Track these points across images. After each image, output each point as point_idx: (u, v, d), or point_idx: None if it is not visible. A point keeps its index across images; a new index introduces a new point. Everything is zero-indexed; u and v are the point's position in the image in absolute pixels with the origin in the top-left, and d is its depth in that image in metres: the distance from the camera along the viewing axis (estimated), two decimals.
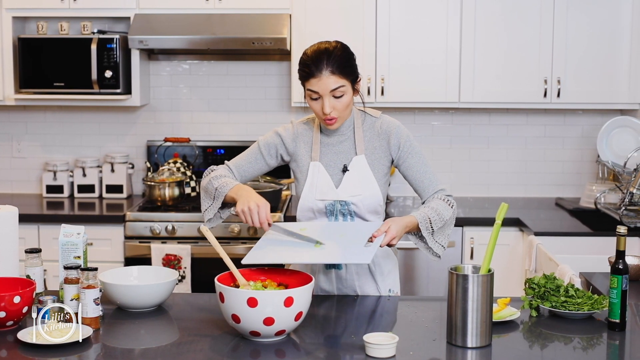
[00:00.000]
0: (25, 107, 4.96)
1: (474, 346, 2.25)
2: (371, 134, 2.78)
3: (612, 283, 2.40)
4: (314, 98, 2.66)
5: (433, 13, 4.49)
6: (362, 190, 2.73)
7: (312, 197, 2.74)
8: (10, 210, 2.64)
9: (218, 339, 2.33)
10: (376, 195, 2.74)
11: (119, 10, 4.58)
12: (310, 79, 2.64)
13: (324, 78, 2.62)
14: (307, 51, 2.69)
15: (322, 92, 2.63)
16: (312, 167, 2.76)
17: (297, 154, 2.79)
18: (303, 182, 2.77)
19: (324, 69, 2.62)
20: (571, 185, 4.92)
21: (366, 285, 2.80)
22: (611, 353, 2.35)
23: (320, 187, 2.74)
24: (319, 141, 2.78)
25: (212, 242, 2.54)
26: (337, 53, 2.67)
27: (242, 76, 4.94)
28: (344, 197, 2.72)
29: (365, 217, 2.76)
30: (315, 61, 2.63)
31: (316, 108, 2.67)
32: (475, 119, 4.91)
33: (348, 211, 2.74)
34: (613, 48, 4.48)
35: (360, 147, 2.76)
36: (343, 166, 2.75)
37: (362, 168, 2.75)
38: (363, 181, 2.74)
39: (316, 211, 2.75)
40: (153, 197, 4.52)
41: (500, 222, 2.35)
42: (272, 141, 2.80)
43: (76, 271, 2.44)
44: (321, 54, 2.65)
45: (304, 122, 2.84)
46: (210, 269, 2.82)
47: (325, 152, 2.77)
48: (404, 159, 2.76)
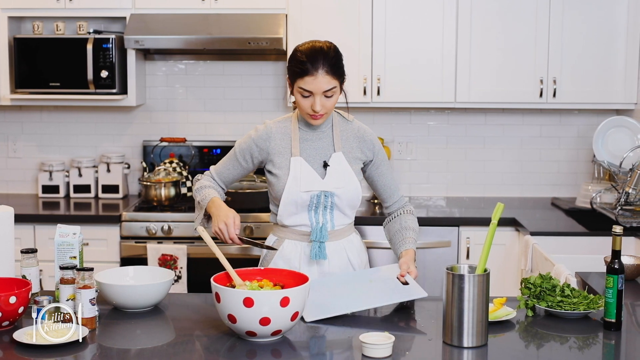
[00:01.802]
0: (21, 107, 4.95)
1: (469, 346, 2.26)
2: (347, 135, 2.86)
3: (607, 283, 2.41)
4: (305, 95, 2.70)
5: (429, 13, 4.49)
6: (345, 183, 2.80)
7: (297, 190, 2.77)
8: (6, 211, 2.64)
9: (214, 339, 2.33)
10: (357, 189, 2.82)
11: (115, 10, 4.57)
12: (304, 77, 2.67)
13: (319, 77, 2.66)
14: (300, 49, 2.72)
15: (316, 91, 2.68)
16: (293, 161, 2.79)
17: (273, 152, 2.82)
18: (284, 178, 2.78)
19: (320, 69, 2.66)
20: (567, 185, 4.93)
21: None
22: (607, 353, 2.35)
23: (305, 179, 2.77)
24: (297, 137, 2.82)
25: (208, 242, 2.55)
26: (332, 54, 2.71)
27: (238, 76, 4.94)
28: (329, 187, 2.78)
29: (345, 210, 2.84)
30: (311, 60, 2.67)
31: (305, 104, 2.72)
32: (471, 119, 4.91)
33: (330, 204, 2.80)
34: (608, 48, 4.49)
35: (338, 144, 2.83)
36: (323, 162, 2.81)
37: (342, 163, 2.82)
38: (344, 175, 2.81)
39: (299, 204, 2.79)
40: (149, 197, 4.52)
41: (496, 222, 2.35)
42: (246, 146, 2.85)
43: (72, 271, 2.44)
44: (317, 53, 2.68)
45: (280, 121, 2.88)
46: (206, 269, 2.82)
47: (305, 148, 2.82)
48: (377, 165, 2.90)
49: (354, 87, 4.47)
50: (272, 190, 2.84)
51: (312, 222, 2.82)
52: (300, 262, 2.84)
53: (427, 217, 4.31)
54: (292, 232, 2.86)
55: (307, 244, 2.84)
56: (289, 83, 2.77)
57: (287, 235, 2.87)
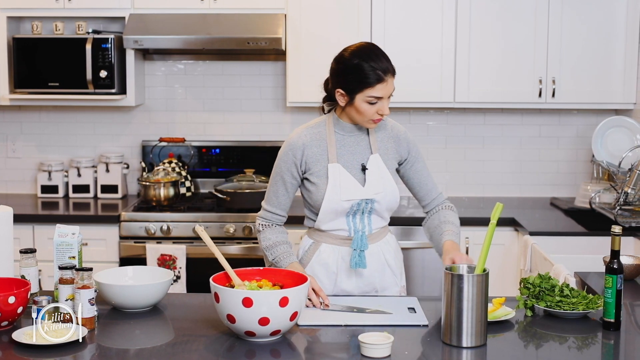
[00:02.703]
0: (20, 107, 4.95)
1: (469, 346, 2.26)
2: (383, 134, 2.81)
3: (606, 283, 2.41)
4: (372, 102, 2.64)
5: (428, 13, 4.49)
6: (383, 188, 2.75)
7: (338, 198, 2.72)
8: (5, 211, 2.64)
9: (213, 339, 2.33)
10: (395, 192, 2.78)
11: (114, 10, 4.57)
12: (376, 85, 2.62)
13: (389, 81, 2.65)
14: (364, 57, 2.65)
15: (385, 96, 2.65)
16: (331, 168, 2.73)
17: (310, 161, 2.75)
18: (323, 186, 2.72)
19: (388, 72, 2.64)
20: (566, 185, 4.93)
21: (386, 282, 2.85)
22: (606, 353, 2.35)
23: (346, 187, 2.72)
24: (334, 142, 2.76)
25: (207, 242, 2.55)
26: (386, 54, 2.69)
27: (237, 76, 4.94)
28: (370, 195, 2.73)
29: (384, 215, 2.80)
30: (381, 67, 2.63)
31: (371, 111, 2.66)
32: (470, 119, 4.91)
33: (369, 209, 2.76)
34: (607, 48, 4.49)
35: (375, 146, 2.78)
36: (361, 165, 2.76)
37: (379, 166, 2.77)
38: (383, 178, 2.76)
39: (339, 212, 2.74)
40: (148, 197, 4.52)
41: (495, 222, 2.35)
42: (286, 165, 2.76)
43: (71, 271, 2.44)
44: (381, 56, 2.66)
45: (312, 127, 2.80)
46: (205, 269, 2.81)
47: (342, 154, 2.76)
48: (412, 162, 2.84)
49: None
50: (310, 198, 2.77)
51: (350, 227, 2.77)
52: (338, 267, 2.81)
53: None
54: (329, 237, 2.81)
55: (345, 249, 2.79)
56: (343, 94, 2.67)
57: (324, 239, 2.82)
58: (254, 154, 4.88)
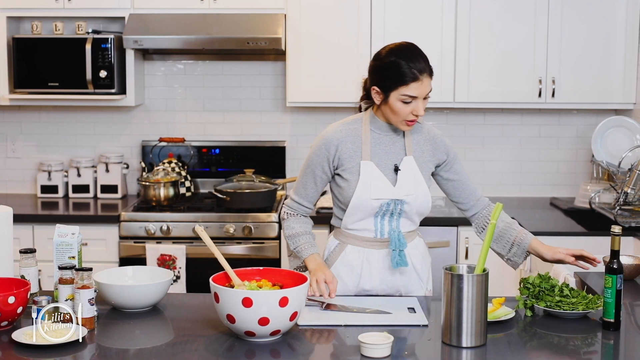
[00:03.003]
0: (20, 107, 4.95)
1: (468, 346, 2.26)
2: (419, 137, 2.79)
3: (606, 283, 2.41)
4: (406, 102, 2.62)
5: (428, 13, 4.49)
6: (415, 190, 2.73)
7: (367, 197, 2.70)
8: (5, 211, 2.64)
9: (213, 339, 2.33)
10: (427, 195, 2.76)
11: (114, 10, 4.57)
12: (410, 84, 2.60)
13: (425, 81, 2.62)
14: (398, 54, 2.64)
15: (420, 96, 2.62)
16: (364, 165, 2.71)
17: (344, 157, 2.73)
18: (354, 183, 2.71)
19: (425, 72, 2.61)
20: (566, 185, 4.93)
21: (411, 285, 2.83)
22: (606, 352, 2.35)
23: (375, 186, 2.70)
24: (369, 140, 2.74)
25: (207, 242, 2.55)
26: (425, 54, 2.67)
27: (237, 76, 4.94)
28: (400, 195, 2.71)
29: (413, 218, 2.78)
30: (416, 65, 2.61)
31: (405, 111, 2.63)
32: (470, 119, 4.91)
33: (399, 211, 2.73)
34: (607, 48, 4.49)
35: (410, 148, 2.76)
36: (394, 166, 2.74)
37: (413, 168, 2.74)
38: (414, 181, 2.74)
39: (368, 211, 2.72)
40: (148, 197, 4.52)
41: (495, 222, 2.36)
42: (318, 158, 2.75)
43: (71, 271, 2.43)
44: (418, 57, 2.63)
45: (348, 123, 2.78)
46: (205, 269, 2.81)
47: (376, 152, 2.74)
48: (451, 164, 2.83)
49: (352, 87, 4.47)
50: (340, 195, 2.76)
51: (377, 228, 2.75)
52: (362, 268, 2.79)
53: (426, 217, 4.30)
54: (355, 238, 2.80)
55: (370, 250, 2.78)
56: (379, 91, 2.66)
57: (350, 241, 2.81)
58: (253, 154, 4.88)
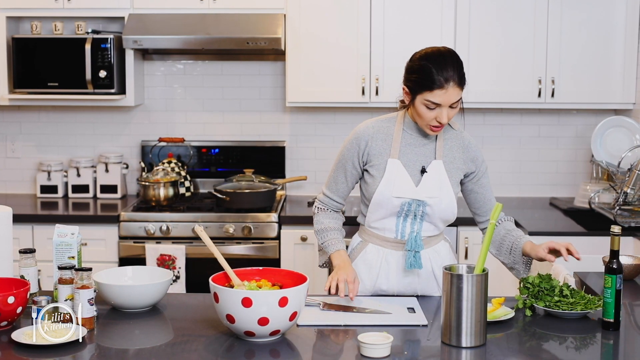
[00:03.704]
0: (19, 107, 4.95)
1: (468, 346, 2.26)
2: (452, 143, 2.78)
3: (606, 282, 2.41)
4: (430, 108, 2.61)
5: (427, 13, 4.49)
6: (439, 193, 2.71)
7: (389, 194, 2.70)
8: (4, 211, 2.64)
9: (212, 339, 2.33)
10: (452, 201, 2.73)
11: (113, 10, 4.57)
12: (434, 90, 2.58)
13: (450, 90, 2.58)
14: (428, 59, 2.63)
15: (445, 104, 2.59)
16: (390, 163, 2.71)
17: (373, 153, 2.74)
18: (379, 179, 2.72)
19: (451, 81, 2.58)
20: (565, 185, 4.93)
21: (428, 287, 2.81)
22: (605, 352, 2.35)
23: (398, 184, 2.70)
24: (399, 139, 2.74)
25: (206, 242, 2.55)
26: (459, 63, 2.63)
27: (236, 76, 4.94)
28: (422, 196, 2.70)
29: (436, 223, 2.76)
30: (443, 73, 2.58)
31: (429, 116, 2.62)
32: (469, 119, 4.91)
33: (421, 213, 2.72)
34: (607, 48, 4.49)
35: (440, 152, 2.75)
36: (422, 167, 2.73)
37: (440, 172, 2.73)
38: (440, 185, 2.72)
39: (389, 209, 2.72)
40: (147, 197, 4.51)
41: (494, 222, 2.35)
42: (350, 153, 2.77)
43: (70, 271, 2.43)
44: (448, 65, 2.59)
45: (382, 120, 2.79)
46: (204, 269, 2.82)
47: (405, 152, 2.73)
48: (479, 177, 2.81)
49: (352, 87, 4.47)
50: (366, 191, 2.77)
51: (398, 229, 2.75)
52: (381, 268, 2.79)
53: None
54: (377, 237, 2.80)
55: (390, 251, 2.78)
56: (407, 92, 2.67)
57: (371, 240, 2.81)
58: (253, 154, 4.88)
